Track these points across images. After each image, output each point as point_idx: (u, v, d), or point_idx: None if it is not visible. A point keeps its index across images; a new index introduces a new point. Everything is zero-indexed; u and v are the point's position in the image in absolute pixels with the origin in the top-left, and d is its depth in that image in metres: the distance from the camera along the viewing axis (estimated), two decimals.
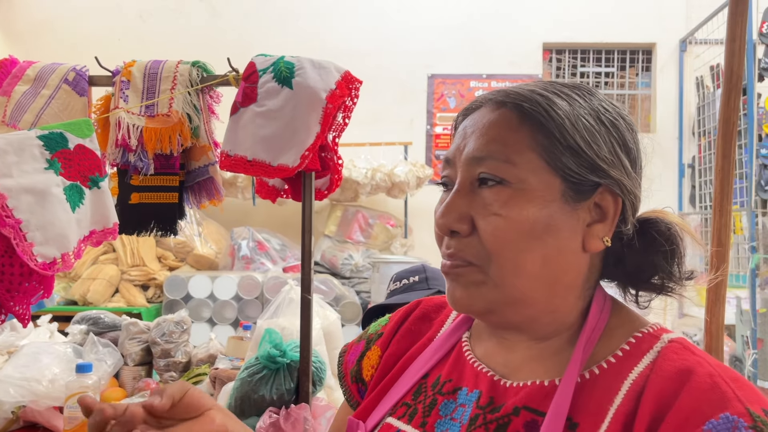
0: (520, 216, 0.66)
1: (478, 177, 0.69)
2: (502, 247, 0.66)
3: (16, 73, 1.63)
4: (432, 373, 0.77)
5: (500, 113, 0.70)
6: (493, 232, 0.66)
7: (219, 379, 1.76)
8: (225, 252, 4.49)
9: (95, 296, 3.97)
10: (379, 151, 4.55)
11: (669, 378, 0.61)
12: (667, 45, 4.97)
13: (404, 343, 0.83)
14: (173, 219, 1.67)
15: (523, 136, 0.68)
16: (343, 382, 0.91)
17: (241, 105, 1.57)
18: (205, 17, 5.16)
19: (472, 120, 0.72)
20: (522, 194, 0.66)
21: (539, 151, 0.67)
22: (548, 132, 0.67)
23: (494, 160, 0.68)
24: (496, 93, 0.73)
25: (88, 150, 1.35)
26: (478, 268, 0.68)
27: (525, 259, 0.66)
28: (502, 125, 0.69)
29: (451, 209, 0.69)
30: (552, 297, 0.69)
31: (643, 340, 0.66)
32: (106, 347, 1.94)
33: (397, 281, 1.61)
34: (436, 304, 0.87)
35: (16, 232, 1.19)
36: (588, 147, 0.67)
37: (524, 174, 0.67)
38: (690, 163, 4.91)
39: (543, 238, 0.66)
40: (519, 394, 0.67)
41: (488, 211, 0.67)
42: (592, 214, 0.69)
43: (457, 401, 0.72)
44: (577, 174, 0.67)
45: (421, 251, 4.67)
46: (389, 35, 5.05)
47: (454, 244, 0.69)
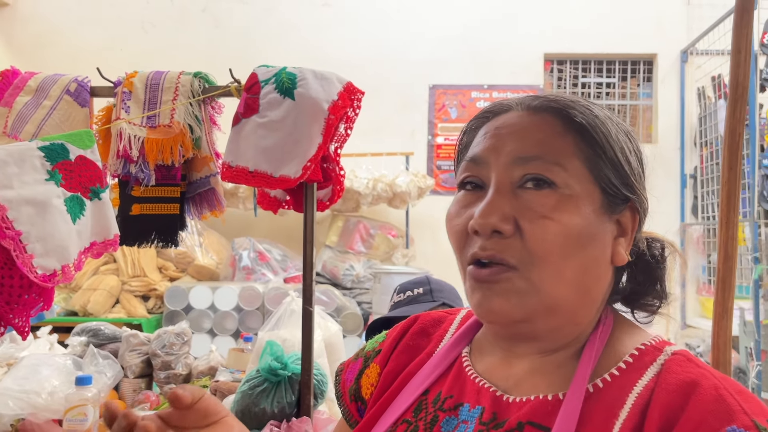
0: (570, 221, 0.65)
1: (521, 178, 0.67)
2: (549, 252, 0.65)
3: (18, 84, 1.63)
4: (432, 390, 0.76)
5: (541, 118, 0.69)
6: (542, 236, 0.65)
7: (220, 392, 1.75)
8: (226, 262, 4.47)
9: (96, 307, 3.95)
10: (381, 162, 4.54)
11: (674, 391, 0.60)
12: (668, 56, 4.98)
13: (403, 359, 0.82)
14: (174, 230, 1.66)
15: (568, 142, 0.68)
16: (341, 401, 0.89)
17: (243, 116, 1.57)
18: (207, 28, 5.18)
19: (503, 122, 0.71)
20: (569, 200, 0.66)
21: (583, 159, 0.67)
22: (593, 142, 0.68)
23: (544, 161, 0.66)
24: (528, 98, 0.72)
25: (89, 161, 1.35)
26: (520, 273, 0.66)
27: (567, 266, 0.65)
28: (546, 129, 0.68)
29: (494, 208, 0.66)
30: (580, 307, 0.69)
31: (646, 353, 0.66)
32: (106, 359, 1.92)
33: (401, 293, 1.60)
34: (434, 318, 0.86)
35: (16, 244, 1.18)
36: (625, 162, 0.69)
37: (571, 180, 0.66)
38: (692, 173, 4.90)
39: (585, 247, 0.66)
40: (522, 409, 0.66)
41: (537, 214, 0.65)
42: (615, 228, 0.70)
43: (459, 418, 0.70)
44: (615, 187, 0.68)
45: (422, 261, 4.66)
46: (390, 46, 5.07)
47: (493, 245, 0.66)
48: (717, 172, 4.52)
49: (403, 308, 1.51)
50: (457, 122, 5.05)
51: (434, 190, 4.83)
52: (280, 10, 5.17)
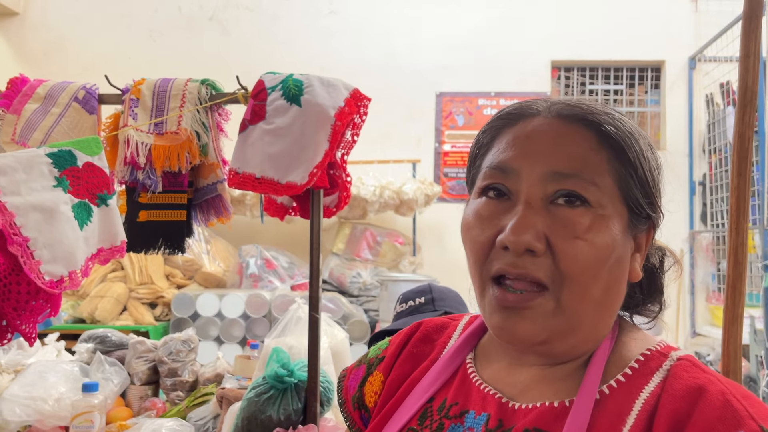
0: (603, 243, 0.64)
1: (554, 193, 0.65)
2: (581, 273, 0.63)
3: (27, 92, 1.64)
4: (437, 397, 0.75)
5: (576, 130, 0.67)
6: (576, 257, 0.63)
7: (226, 399, 1.74)
8: (233, 270, 4.48)
9: (103, 314, 3.96)
10: (388, 169, 4.54)
11: (681, 397, 0.60)
12: (676, 62, 4.97)
13: (407, 367, 0.81)
14: (181, 237, 1.66)
15: (602, 159, 0.65)
16: (344, 408, 0.88)
17: (250, 123, 1.57)
18: (214, 36, 5.21)
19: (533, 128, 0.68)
20: (602, 220, 0.64)
21: (615, 178, 0.65)
22: (626, 160, 0.66)
23: (581, 179, 0.64)
24: (560, 105, 0.69)
25: (97, 168, 1.35)
26: (549, 294, 0.64)
27: (594, 287, 0.64)
28: (581, 143, 0.66)
29: (527, 226, 0.64)
30: (599, 325, 0.68)
31: (652, 358, 0.66)
32: (112, 366, 1.92)
33: (403, 302, 1.59)
34: (437, 325, 0.85)
35: (23, 250, 1.19)
36: (652, 181, 0.68)
37: (604, 199, 0.65)
38: (701, 180, 4.88)
39: (612, 268, 0.65)
40: (528, 416, 0.66)
41: (571, 234, 0.63)
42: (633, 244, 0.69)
43: (464, 425, 0.70)
44: (641, 206, 0.67)
45: (429, 269, 4.65)
46: (397, 53, 5.08)
47: (524, 263, 0.64)
48: (726, 179, 4.49)
49: (404, 319, 1.50)
50: (464, 129, 5.05)
51: (441, 197, 4.83)
52: (287, 18, 5.19)
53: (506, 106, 0.74)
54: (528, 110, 0.70)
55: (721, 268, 4.40)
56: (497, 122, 0.73)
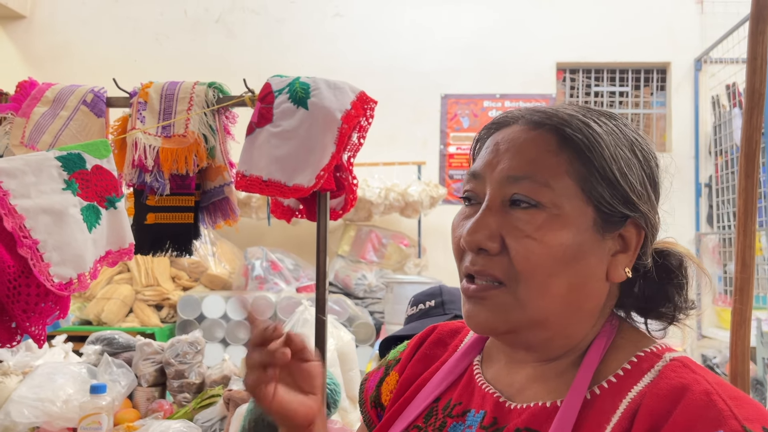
0: (554, 241, 0.65)
1: (511, 196, 0.68)
2: (533, 270, 0.66)
3: (35, 95, 1.65)
4: (443, 397, 0.78)
5: (538, 134, 0.69)
6: (525, 255, 0.66)
7: (233, 401, 1.75)
8: (238, 272, 4.49)
9: (109, 316, 3.98)
10: (393, 171, 4.55)
11: (664, 396, 0.61)
12: (681, 64, 4.96)
13: (419, 367, 0.85)
14: (189, 239, 1.67)
15: (562, 160, 0.67)
16: (363, 408, 0.92)
17: (257, 125, 1.58)
18: (220, 39, 5.22)
19: (504, 136, 0.71)
20: (556, 219, 0.66)
21: (576, 178, 0.67)
22: (588, 160, 0.67)
23: (532, 181, 0.67)
24: (531, 112, 0.72)
25: (105, 170, 1.36)
26: (506, 289, 0.67)
27: (553, 283, 0.66)
28: (540, 146, 0.68)
29: (481, 226, 0.68)
30: (570, 322, 0.69)
31: (645, 359, 0.67)
32: (120, 368, 1.93)
33: (414, 306, 1.59)
34: (452, 329, 0.88)
35: (33, 253, 1.19)
36: (624, 179, 0.67)
37: (560, 199, 0.66)
38: (707, 182, 4.86)
39: (572, 265, 0.66)
40: (522, 415, 0.68)
41: (521, 233, 0.66)
42: (617, 244, 0.70)
43: (465, 423, 0.72)
44: (610, 205, 0.67)
45: (434, 271, 4.64)
46: (402, 56, 5.09)
47: (481, 261, 0.68)
48: (732, 181, 4.48)
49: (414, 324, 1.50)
50: (469, 131, 5.05)
51: (446, 199, 4.83)
52: (293, 21, 5.21)
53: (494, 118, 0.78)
54: (506, 119, 0.74)
55: (728, 270, 4.38)
56: (484, 131, 0.77)
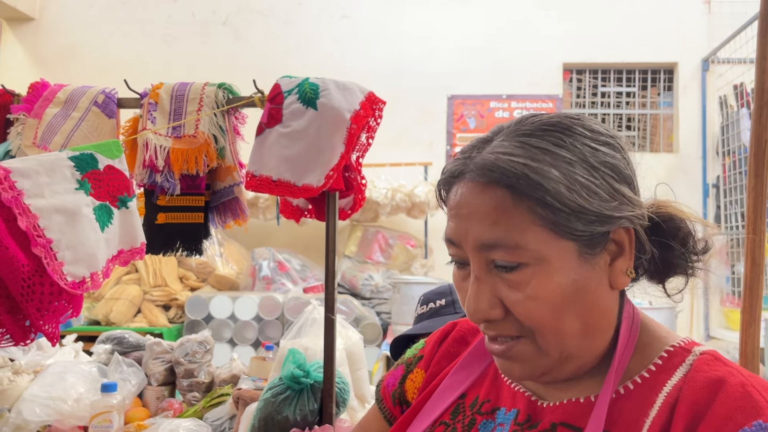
0: (549, 291, 0.65)
1: (492, 262, 0.67)
2: (542, 323, 0.66)
3: (47, 96, 1.67)
4: (469, 394, 0.79)
5: (491, 194, 0.66)
6: (528, 314, 0.66)
7: (242, 400, 1.76)
8: (246, 272, 4.50)
9: (118, 316, 4.00)
10: (399, 172, 4.56)
11: (701, 388, 0.62)
12: (689, 64, 4.95)
13: (443, 364, 0.86)
14: (199, 239, 1.68)
15: (522, 212, 0.64)
16: (382, 405, 0.92)
17: (267, 126, 1.58)
18: (228, 41, 5.25)
19: (460, 197, 0.68)
20: (542, 269, 0.65)
21: (544, 224, 0.64)
22: (546, 204, 0.64)
23: (504, 247, 0.65)
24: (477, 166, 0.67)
25: (117, 171, 1.37)
26: (526, 341, 0.68)
27: (565, 325, 0.67)
28: (498, 207, 0.65)
29: (478, 301, 0.68)
30: (593, 341, 0.70)
31: (675, 354, 0.68)
32: (130, 367, 1.94)
33: (424, 304, 1.60)
34: (472, 327, 0.89)
35: (47, 252, 1.21)
36: (590, 203, 0.65)
37: (537, 250, 0.65)
38: (714, 183, 4.85)
39: (576, 301, 0.66)
40: (556, 411, 0.70)
41: (517, 296, 0.66)
42: (611, 253, 0.68)
43: (495, 421, 0.74)
44: (587, 232, 0.65)
45: (441, 272, 4.65)
46: (409, 57, 5.10)
47: (493, 327, 0.69)
48: (740, 182, 4.46)
49: (425, 323, 1.51)
50: (475, 132, 5.05)
51: None
52: (300, 23, 5.22)
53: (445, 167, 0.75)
54: (456, 172, 0.70)
55: (736, 270, 4.37)
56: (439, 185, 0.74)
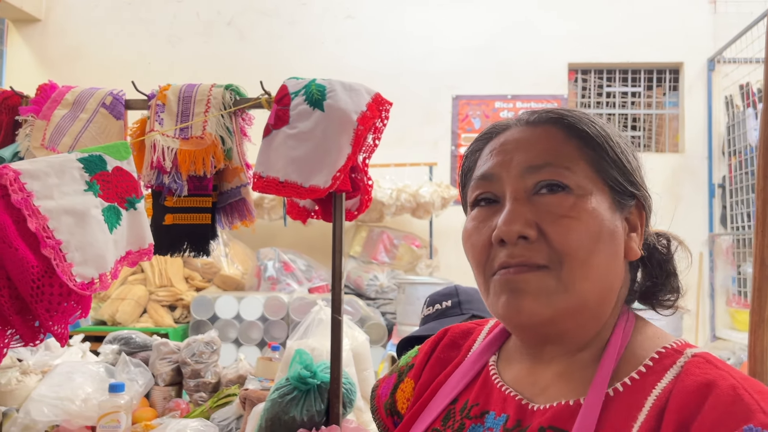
0: (590, 217, 0.68)
1: (534, 185, 0.70)
2: (576, 248, 0.67)
3: (56, 98, 1.68)
4: (460, 398, 0.78)
5: (543, 129, 0.73)
6: (565, 234, 0.67)
7: (249, 400, 1.76)
8: (251, 273, 4.51)
9: (124, 316, 4.01)
10: (404, 172, 4.56)
11: (691, 392, 0.61)
12: (694, 64, 4.94)
13: (434, 372, 0.85)
14: (206, 240, 1.69)
15: (572, 148, 0.71)
16: (376, 416, 0.91)
17: (274, 127, 1.59)
18: (232, 41, 5.26)
19: (505, 138, 0.75)
20: (584, 200, 0.69)
21: (589, 162, 0.71)
22: (595, 145, 0.71)
23: (554, 167, 0.70)
24: (527, 114, 0.76)
25: (126, 172, 1.38)
26: (548, 272, 0.67)
27: (592, 263, 0.68)
28: (549, 139, 0.72)
29: (516, 216, 0.69)
30: (602, 304, 0.71)
31: (667, 356, 0.67)
32: (137, 367, 1.95)
33: (430, 306, 1.60)
34: (463, 330, 0.88)
35: (56, 253, 1.21)
36: (626, 161, 0.72)
37: (582, 181, 0.70)
38: (720, 183, 4.83)
39: (607, 242, 0.69)
40: (545, 414, 0.68)
41: (557, 215, 0.68)
42: (629, 223, 0.73)
43: (484, 425, 0.72)
44: (622, 185, 0.71)
45: (446, 272, 4.65)
46: (414, 57, 5.10)
47: (520, 251, 0.68)
48: (746, 182, 4.45)
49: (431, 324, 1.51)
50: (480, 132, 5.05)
51: (458, 200, 4.83)
52: (304, 23, 5.23)
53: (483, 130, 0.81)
54: (499, 127, 0.78)
55: (742, 271, 4.35)
56: (476, 144, 0.80)
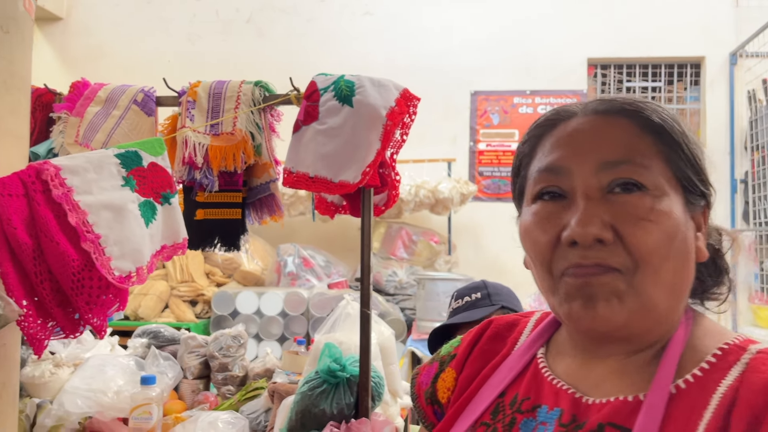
0: (667, 222, 0.65)
1: (609, 183, 0.66)
2: (652, 254, 0.64)
3: (88, 95, 1.70)
4: (509, 392, 0.75)
5: (616, 121, 0.69)
6: (643, 238, 0.64)
7: (278, 393, 1.78)
8: (271, 268, 4.54)
9: (146, 311, 4.06)
10: (423, 168, 4.56)
11: (760, 391, 0.59)
12: (716, 58, 4.88)
13: (478, 364, 0.83)
14: (236, 235, 1.71)
15: (648, 143, 0.67)
16: (416, 404, 0.90)
17: (303, 123, 1.60)
18: (251, 39, 5.29)
19: (575, 126, 0.70)
20: (661, 201, 0.65)
21: (664, 160, 0.67)
22: (671, 141, 0.68)
23: (632, 165, 0.66)
24: (595, 102, 0.72)
25: (161, 167, 1.40)
26: (622, 276, 0.64)
27: (666, 268, 0.65)
28: (625, 132, 0.68)
29: (592, 217, 0.65)
30: (672, 308, 0.68)
31: (730, 352, 0.65)
32: (166, 360, 1.98)
33: (458, 299, 1.61)
34: (508, 322, 0.86)
35: (95, 247, 1.24)
36: (700, 159, 0.69)
37: (659, 180, 0.66)
38: (743, 178, 4.78)
39: (681, 246, 0.66)
40: (602, 410, 0.65)
41: (635, 217, 0.64)
42: (696, 224, 0.70)
43: (537, 419, 0.70)
44: (694, 184, 0.68)
45: (465, 268, 4.65)
46: (432, 53, 5.09)
47: (595, 254, 0.64)
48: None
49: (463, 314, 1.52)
50: (499, 128, 5.04)
51: (476, 196, 4.83)
52: (322, 20, 5.24)
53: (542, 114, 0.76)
54: (564, 113, 0.72)
55: (765, 267, 4.31)
56: (536, 130, 0.75)
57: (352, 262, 4.68)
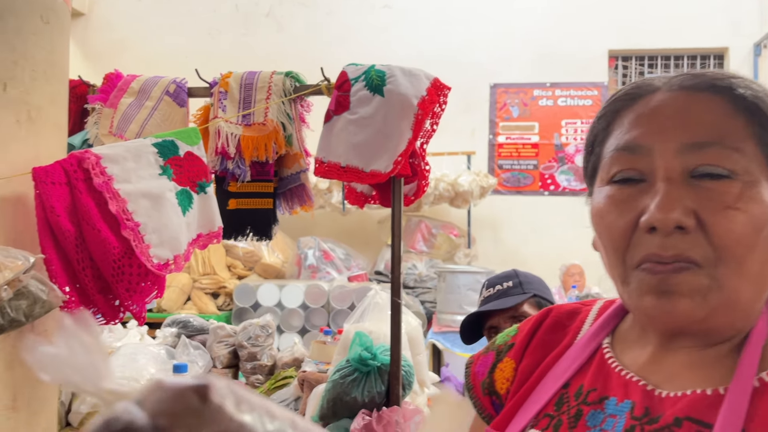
0: (756, 211, 0.59)
1: (696, 167, 0.61)
2: (736, 245, 0.59)
3: (122, 87, 1.72)
4: (573, 383, 0.71)
5: (705, 98, 0.62)
6: (729, 227, 0.59)
7: (308, 382, 1.80)
8: (291, 261, 4.57)
9: (169, 303, 4.10)
10: (442, 161, 4.55)
11: None
12: (740, 49, 4.82)
13: (539, 354, 0.78)
14: (268, 224, 1.72)
15: (740, 124, 0.61)
16: (472, 394, 0.85)
17: (335, 113, 1.61)
18: (271, 32, 5.31)
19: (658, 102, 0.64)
20: (752, 187, 0.60)
21: (757, 143, 0.61)
22: (765, 121, 0.61)
23: (721, 147, 0.60)
24: (681, 77, 0.65)
25: (196, 157, 1.42)
26: (704, 271, 0.59)
27: (751, 260, 0.60)
28: (715, 111, 0.61)
29: (673, 202, 0.59)
30: (755, 301, 0.63)
31: None
32: (196, 349, 2.01)
33: (490, 287, 1.61)
34: (568, 311, 0.82)
35: (135, 234, 1.26)
36: None
37: (750, 166, 0.60)
38: None
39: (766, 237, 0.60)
40: (678, 404, 0.61)
41: (721, 205, 0.59)
42: None
43: (605, 411, 0.66)
44: None
45: (484, 261, 4.64)
46: (451, 46, 5.08)
47: (676, 243, 0.59)
48: None
49: (495, 302, 1.52)
50: (518, 121, 5.01)
51: (496, 189, 4.81)
52: (341, 13, 5.25)
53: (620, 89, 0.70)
54: (646, 88, 0.66)
55: None
56: (613, 105, 0.69)
57: (371, 255, 4.69)
